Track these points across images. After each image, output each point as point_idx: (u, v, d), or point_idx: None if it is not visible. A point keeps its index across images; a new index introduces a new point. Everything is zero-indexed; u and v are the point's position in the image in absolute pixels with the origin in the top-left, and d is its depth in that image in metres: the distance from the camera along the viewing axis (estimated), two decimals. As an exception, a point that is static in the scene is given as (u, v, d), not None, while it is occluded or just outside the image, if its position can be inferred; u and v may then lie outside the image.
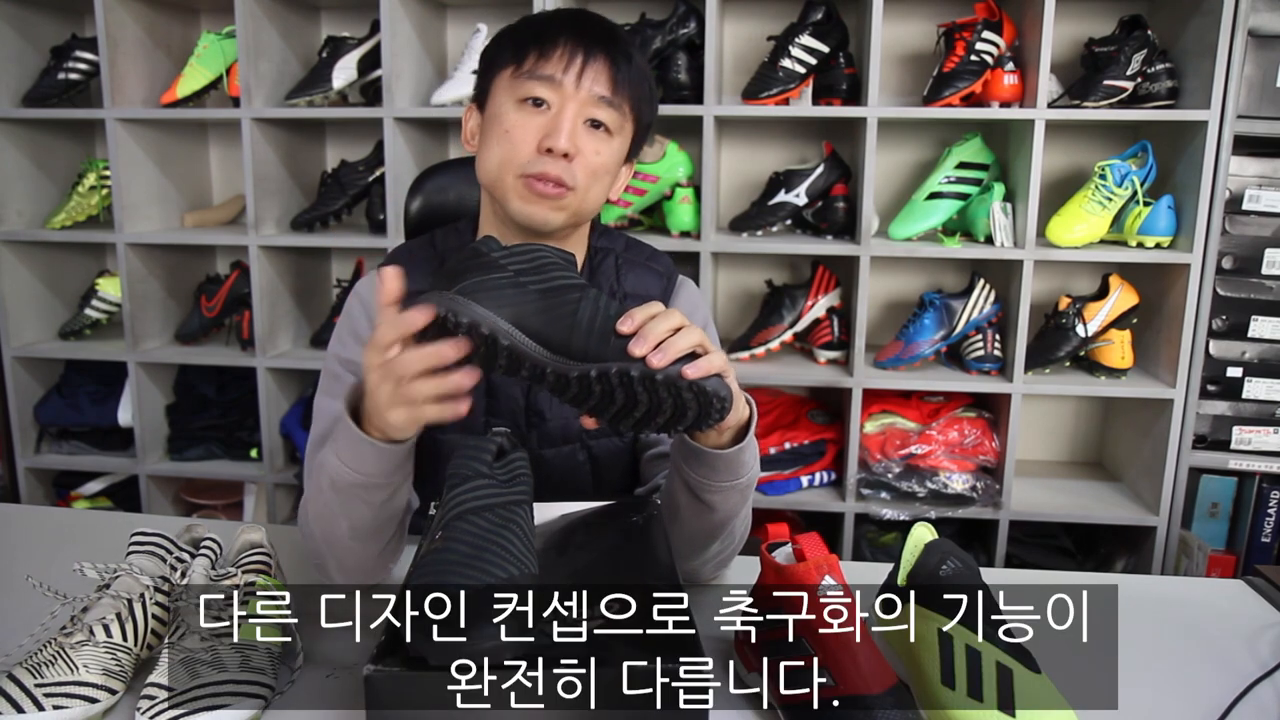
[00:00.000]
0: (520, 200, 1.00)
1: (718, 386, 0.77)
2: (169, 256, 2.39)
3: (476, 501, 0.76)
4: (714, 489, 0.91)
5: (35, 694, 0.74)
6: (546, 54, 0.98)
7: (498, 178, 1.01)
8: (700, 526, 0.95)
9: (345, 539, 0.91)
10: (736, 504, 0.95)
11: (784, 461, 2.15)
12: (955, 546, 0.81)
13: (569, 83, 0.98)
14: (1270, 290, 1.96)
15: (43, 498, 2.47)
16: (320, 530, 0.93)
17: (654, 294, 1.13)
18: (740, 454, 0.89)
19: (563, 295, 0.78)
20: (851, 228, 2.09)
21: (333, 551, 0.93)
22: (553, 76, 0.98)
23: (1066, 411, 2.37)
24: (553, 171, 0.98)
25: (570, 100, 0.98)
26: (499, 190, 1.02)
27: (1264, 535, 2.04)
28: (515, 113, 0.99)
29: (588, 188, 1.01)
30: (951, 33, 2.00)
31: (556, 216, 1.01)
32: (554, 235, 1.03)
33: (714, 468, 0.90)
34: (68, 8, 2.39)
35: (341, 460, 0.85)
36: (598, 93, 0.99)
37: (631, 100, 1.02)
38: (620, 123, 1.02)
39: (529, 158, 0.98)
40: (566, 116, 0.98)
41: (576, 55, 0.98)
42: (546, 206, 1.00)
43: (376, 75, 2.15)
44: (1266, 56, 1.87)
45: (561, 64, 0.98)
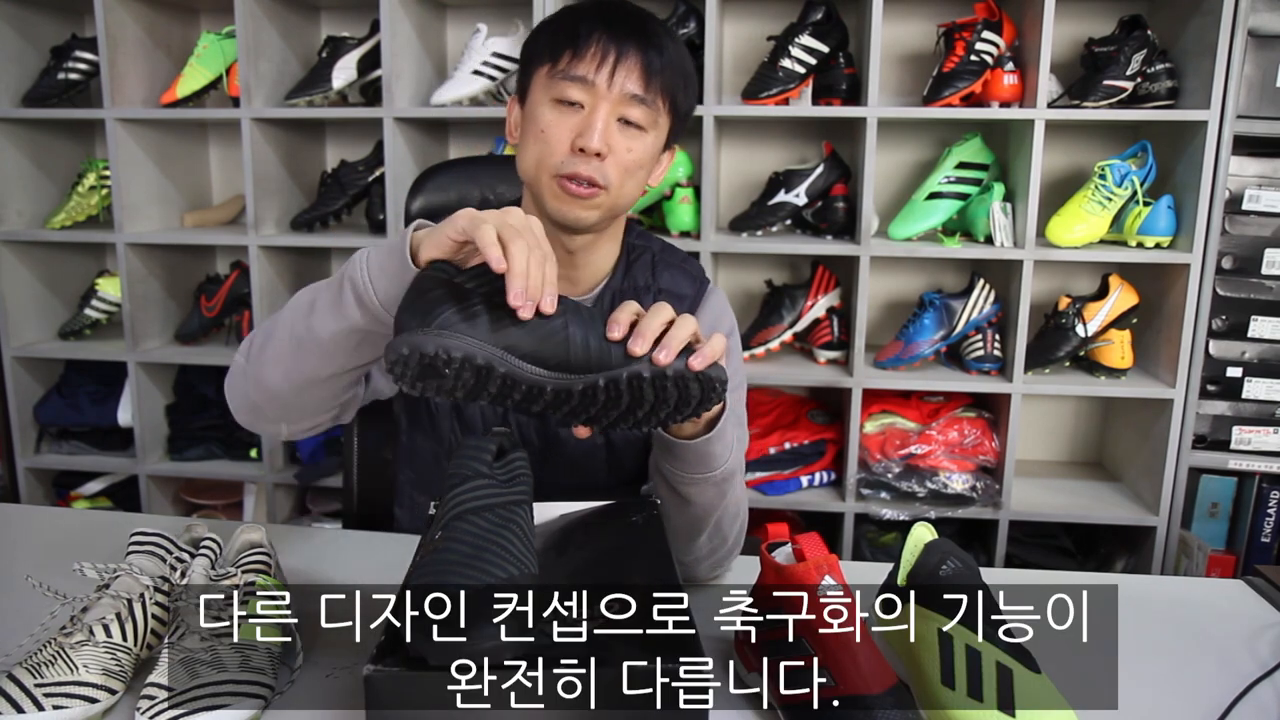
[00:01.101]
0: (555, 200, 1.02)
1: (719, 372, 0.79)
2: (169, 256, 2.39)
3: (476, 501, 0.76)
4: (687, 481, 0.93)
5: (35, 694, 0.74)
6: (580, 53, 1.00)
7: (535, 176, 1.04)
8: (682, 520, 0.96)
9: (286, 345, 0.90)
10: (713, 498, 0.95)
11: (784, 461, 2.15)
12: (955, 546, 0.81)
13: (601, 82, 0.99)
14: (1270, 290, 1.96)
15: (43, 498, 2.47)
16: (274, 332, 0.91)
17: (687, 294, 1.16)
18: (709, 445, 0.90)
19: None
20: (851, 228, 2.10)
21: (265, 356, 0.92)
22: (585, 77, 0.99)
23: (1066, 411, 2.37)
24: (584, 172, 1.00)
25: (603, 100, 1.00)
26: (536, 189, 1.05)
27: (1264, 535, 2.04)
28: (550, 112, 1.01)
29: (621, 184, 1.03)
30: (951, 33, 2.00)
31: (590, 215, 1.03)
32: (590, 231, 1.06)
33: (685, 459, 0.91)
34: (68, 8, 2.39)
35: (368, 266, 0.83)
36: (630, 90, 1.00)
37: (666, 93, 1.03)
38: (654, 117, 1.03)
39: (563, 157, 1.00)
40: (599, 117, 0.99)
41: (609, 53, 0.99)
42: (580, 206, 1.02)
43: (376, 75, 2.15)
44: (1266, 56, 1.87)
45: (594, 63, 0.99)
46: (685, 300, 1.15)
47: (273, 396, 0.94)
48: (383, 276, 0.83)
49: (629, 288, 1.13)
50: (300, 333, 0.88)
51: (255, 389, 0.95)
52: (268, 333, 0.93)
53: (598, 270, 1.13)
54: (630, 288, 1.13)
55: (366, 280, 0.83)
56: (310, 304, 0.89)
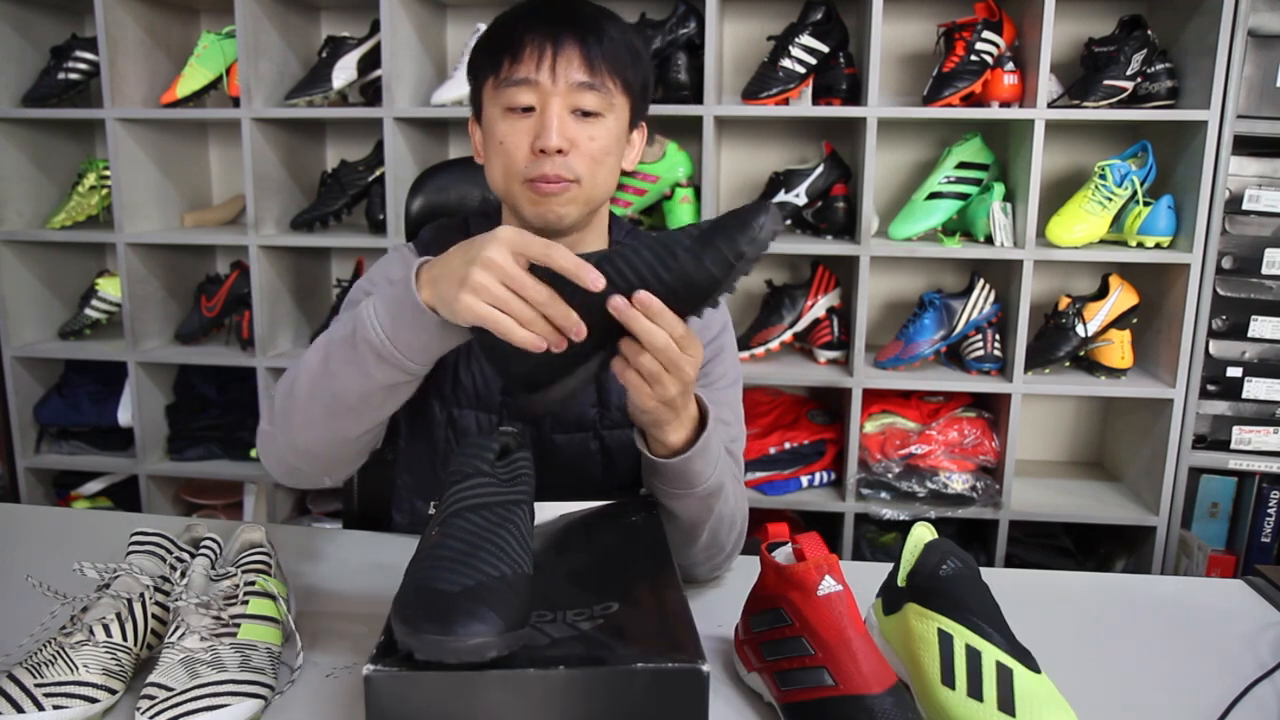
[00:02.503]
0: (530, 205, 1.01)
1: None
2: (169, 256, 2.39)
3: (475, 499, 0.76)
4: (670, 495, 0.93)
5: (35, 694, 0.74)
6: (518, 56, 0.98)
7: (506, 188, 1.03)
8: (673, 528, 0.95)
9: (318, 405, 0.89)
10: (700, 511, 0.95)
11: (784, 461, 2.15)
12: (955, 546, 0.81)
13: (545, 79, 0.98)
14: (1270, 290, 1.96)
15: (43, 498, 2.48)
16: (303, 387, 0.89)
17: None
18: (687, 464, 0.90)
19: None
20: (851, 228, 2.10)
21: (295, 414, 0.91)
22: (528, 78, 0.98)
23: (1066, 411, 2.37)
24: (551, 171, 0.98)
25: (552, 96, 0.98)
26: (510, 199, 1.04)
27: (1264, 535, 2.04)
28: (504, 123, 1.00)
29: (592, 174, 1.01)
30: (951, 33, 2.00)
31: (569, 210, 1.02)
32: (573, 229, 1.04)
33: (666, 476, 0.91)
34: (68, 8, 2.39)
35: (379, 318, 0.82)
36: (576, 80, 0.98)
37: (614, 74, 1.01)
38: (608, 101, 1.01)
39: (527, 163, 0.99)
40: (552, 114, 0.98)
41: (546, 48, 0.98)
42: (556, 203, 1.01)
43: (376, 75, 2.15)
44: (1266, 56, 1.87)
45: (534, 62, 0.98)
46: None
47: (313, 458, 0.95)
48: (400, 330, 0.82)
49: None
50: (327, 399, 0.88)
51: (292, 454, 0.95)
52: (287, 394, 0.92)
53: None
54: None
55: (383, 339, 0.82)
56: (325, 366, 0.87)
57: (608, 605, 0.74)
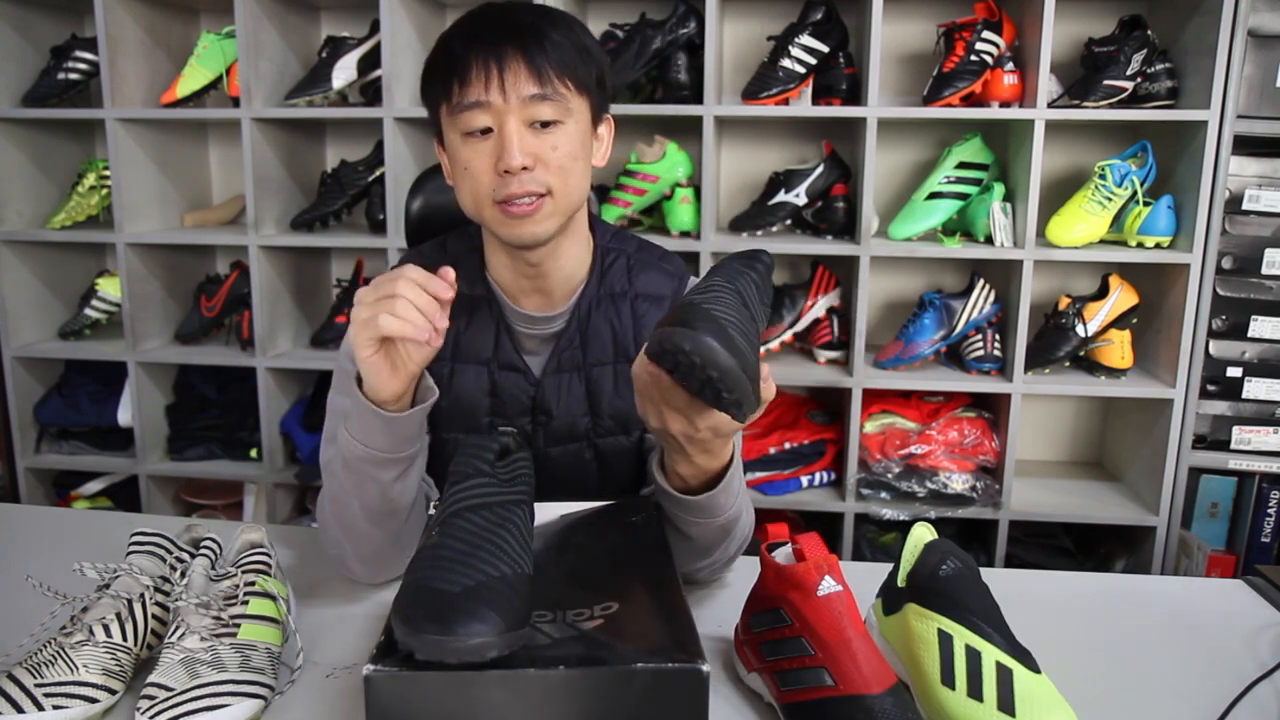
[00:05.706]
0: (504, 227, 1.00)
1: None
2: (169, 256, 2.39)
3: (474, 499, 0.76)
4: (688, 524, 0.93)
5: (35, 694, 0.74)
6: (464, 78, 0.96)
7: (477, 212, 1.01)
8: (682, 548, 0.95)
9: (360, 522, 0.95)
10: (716, 537, 0.95)
11: (784, 461, 2.15)
12: (955, 546, 0.81)
13: (495, 99, 0.95)
14: (1270, 290, 1.96)
15: (43, 498, 2.48)
16: (335, 514, 0.97)
17: (665, 294, 1.11)
18: (712, 499, 0.90)
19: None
20: (851, 228, 2.10)
21: (349, 537, 0.97)
22: (479, 100, 0.96)
23: (1066, 411, 2.37)
24: (519, 189, 0.96)
25: (506, 115, 0.96)
26: (483, 222, 1.03)
27: (1264, 535, 2.04)
28: (465, 148, 0.98)
29: (563, 183, 0.99)
30: (951, 33, 2.00)
31: (546, 225, 1.00)
32: (551, 240, 1.02)
33: (688, 508, 0.91)
34: (68, 8, 2.39)
35: (352, 435, 0.91)
36: (527, 93, 0.96)
37: (564, 78, 0.98)
38: (564, 106, 0.98)
39: (494, 185, 0.97)
40: (510, 133, 0.95)
41: (490, 67, 0.95)
42: (530, 223, 0.99)
43: (376, 75, 2.15)
44: (1266, 56, 1.87)
45: (481, 83, 0.95)
46: (663, 301, 1.11)
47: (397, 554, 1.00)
48: (373, 436, 0.91)
49: (605, 294, 1.10)
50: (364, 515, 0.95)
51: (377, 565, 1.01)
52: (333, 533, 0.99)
53: (570, 279, 1.09)
54: (606, 294, 1.10)
55: (369, 450, 0.91)
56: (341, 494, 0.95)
57: (608, 605, 0.74)
